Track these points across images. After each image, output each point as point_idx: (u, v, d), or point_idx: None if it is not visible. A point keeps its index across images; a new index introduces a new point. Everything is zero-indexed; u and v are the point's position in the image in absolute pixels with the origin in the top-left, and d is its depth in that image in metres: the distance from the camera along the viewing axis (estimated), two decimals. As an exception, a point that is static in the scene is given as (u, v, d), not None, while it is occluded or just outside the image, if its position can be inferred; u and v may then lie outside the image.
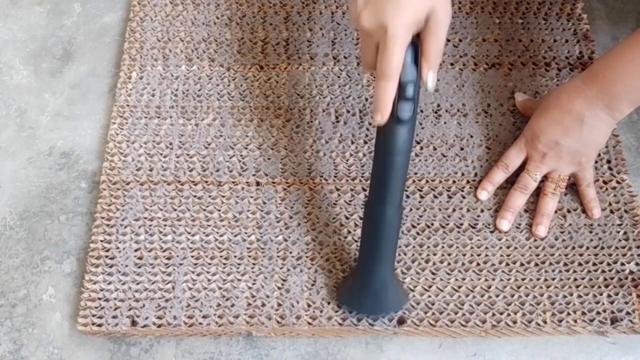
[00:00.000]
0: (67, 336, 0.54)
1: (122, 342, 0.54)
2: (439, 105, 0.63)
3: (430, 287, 0.54)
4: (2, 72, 0.68)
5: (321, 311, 0.52)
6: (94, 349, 0.53)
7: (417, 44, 0.46)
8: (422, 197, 0.58)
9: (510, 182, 0.58)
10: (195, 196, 0.58)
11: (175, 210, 0.57)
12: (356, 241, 0.56)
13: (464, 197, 0.58)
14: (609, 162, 0.60)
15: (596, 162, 0.59)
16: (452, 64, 0.66)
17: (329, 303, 0.53)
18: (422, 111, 0.63)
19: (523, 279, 0.54)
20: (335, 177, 0.59)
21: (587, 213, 0.57)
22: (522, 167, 0.58)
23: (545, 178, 0.57)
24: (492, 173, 0.58)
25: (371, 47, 0.45)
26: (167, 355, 0.53)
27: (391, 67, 0.44)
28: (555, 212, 0.57)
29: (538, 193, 0.58)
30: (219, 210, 0.57)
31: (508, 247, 0.56)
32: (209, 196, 0.58)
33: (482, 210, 0.57)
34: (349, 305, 0.52)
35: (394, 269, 0.53)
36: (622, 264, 0.55)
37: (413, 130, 0.48)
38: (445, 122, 0.62)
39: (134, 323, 0.52)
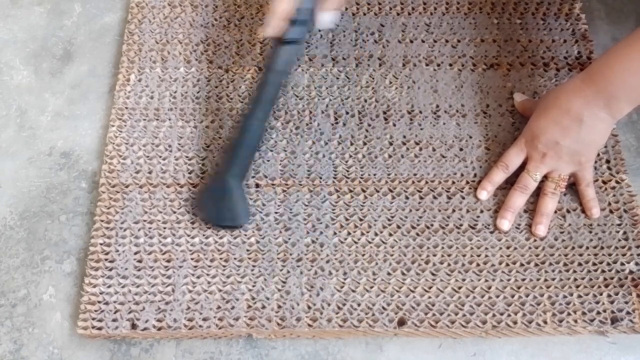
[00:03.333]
0: (67, 336, 0.54)
1: (122, 342, 0.54)
2: (437, 106, 0.63)
3: (430, 288, 0.54)
4: (3, 72, 0.68)
5: (321, 313, 0.53)
6: (94, 349, 0.53)
7: None
8: (421, 198, 0.58)
9: (510, 182, 0.58)
10: (194, 198, 0.58)
11: (174, 212, 0.57)
12: (356, 242, 0.56)
13: (463, 198, 0.58)
14: (608, 162, 0.60)
15: (595, 162, 0.59)
16: (450, 65, 0.65)
17: (329, 305, 0.53)
18: (420, 112, 0.63)
19: (523, 280, 0.54)
20: (334, 178, 0.59)
21: (587, 213, 0.57)
22: (522, 167, 0.58)
23: (545, 178, 0.57)
24: (491, 173, 0.58)
25: None
26: (167, 355, 0.53)
27: None
28: (555, 212, 0.57)
29: (538, 193, 0.58)
30: (218, 212, 0.57)
31: (508, 248, 0.56)
32: (209, 198, 0.58)
33: (481, 211, 0.57)
34: (197, 209, 0.56)
35: (243, 181, 0.56)
36: (622, 264, 0.55)
37: (294, 55, 0.54)
38: (444, 123, 0.62)
39: (134, 326, 0.52)
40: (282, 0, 0.50)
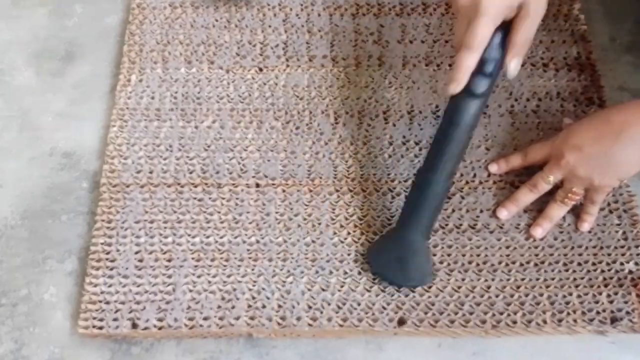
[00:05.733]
0: (68, 335, 0.54)
1: (123, 341, 0.54)
2: (437, 107, 0.63)
3: (429, 287, 0.54)
4: (5, 73, 0.69)
5: (322, 312, 0.53)
6: (95, 348, 0.53)
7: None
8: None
9: (516, 186, 0.58)
10: (195, 198, 0.58)
11: (175, 212, 0.58)
12: (356, 242, 0.56)
13: (462, 198, 0.58)
14: (607, 162, 0.60)
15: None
16: (450, 65, 0.66)
17: (329, 304, 0.53)
18: (420, 112, 0.63)
19: (522, 279, 0.54)
20: (334, 178, 0.59)
21: (578, 221, 0.57)
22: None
23: (560, 185, 0.56)
24: (510, 156, 0.59)
25: (464, 24, 0.48)
26: (167, 354, 0.53)
27: (475, 40, 0.47)
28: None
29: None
30: (219, 212, 0.57)
31: (507, 248, 0.56)
32: (209, 198, 0.58)
33: (481, 211, 0.58)
34: (374, 266, 0.53)
35: (429, 240, 0.53)
36: (621, 264, 0.55)
37: (481, 108, 0.50)
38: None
39: (134, 325, 0.52)
40: (468, 53, 0.47)
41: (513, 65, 0.49)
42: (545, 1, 0.48)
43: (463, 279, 0.54)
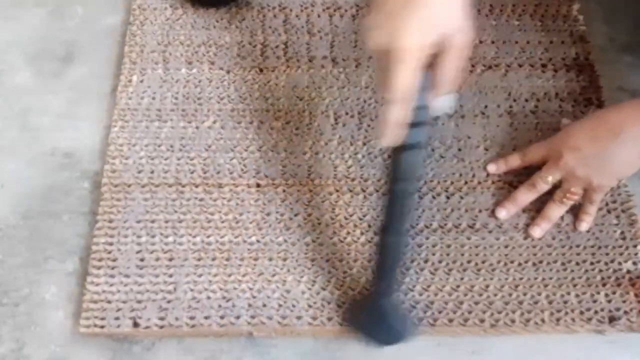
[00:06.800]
0: (69, 334, 0.54)
1: (125, 340, 0.54)
2: (437, 107, 0.64)
3: (429, 286, 0.54)
4: (5, 73, 0.69)
5: (321, 311, 0.53)
6: (96, 347, 0.54)
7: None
8: (420, 198, 0.59)
9: (515, 186, 0.59)
10: (196, 198, 0.59)
11: (176, 212, 0.58)
12: (355, 242, 0.56)
13: (462, 198, 0.59)
14: (605, 162, 0.60)
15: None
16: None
17: (329, 303, 0.53)
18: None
19: (521, 279, 0.55)
20: (334, 178, 0.60)
21: (576, 221, 0.57)
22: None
23: (558, 184, 0.56)
24: (508, 156, 0.59)
25: (382, 71, 0.42)
26: (168, 353, 0.54)
27: (398, 91, 0.41)
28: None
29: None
30: (220, 212, 0.58)
31: (506, 247, 0.56)
32: (210, 198, 0.59)
33: (479, 211, 0.58)
34: (353, 327, 0.53)
35: (392, 300, 0.51)
36: (619, 263, 0.55)
37: (420, 157, 0.46)
38: (442, 124, 0.63)
39: (136, 324, 0.52)
40: (394, 107, 0.42)
41: (440, 104, 0.45)
42: (469, 31, 0.43)
43: (462, 278, 0.55)
